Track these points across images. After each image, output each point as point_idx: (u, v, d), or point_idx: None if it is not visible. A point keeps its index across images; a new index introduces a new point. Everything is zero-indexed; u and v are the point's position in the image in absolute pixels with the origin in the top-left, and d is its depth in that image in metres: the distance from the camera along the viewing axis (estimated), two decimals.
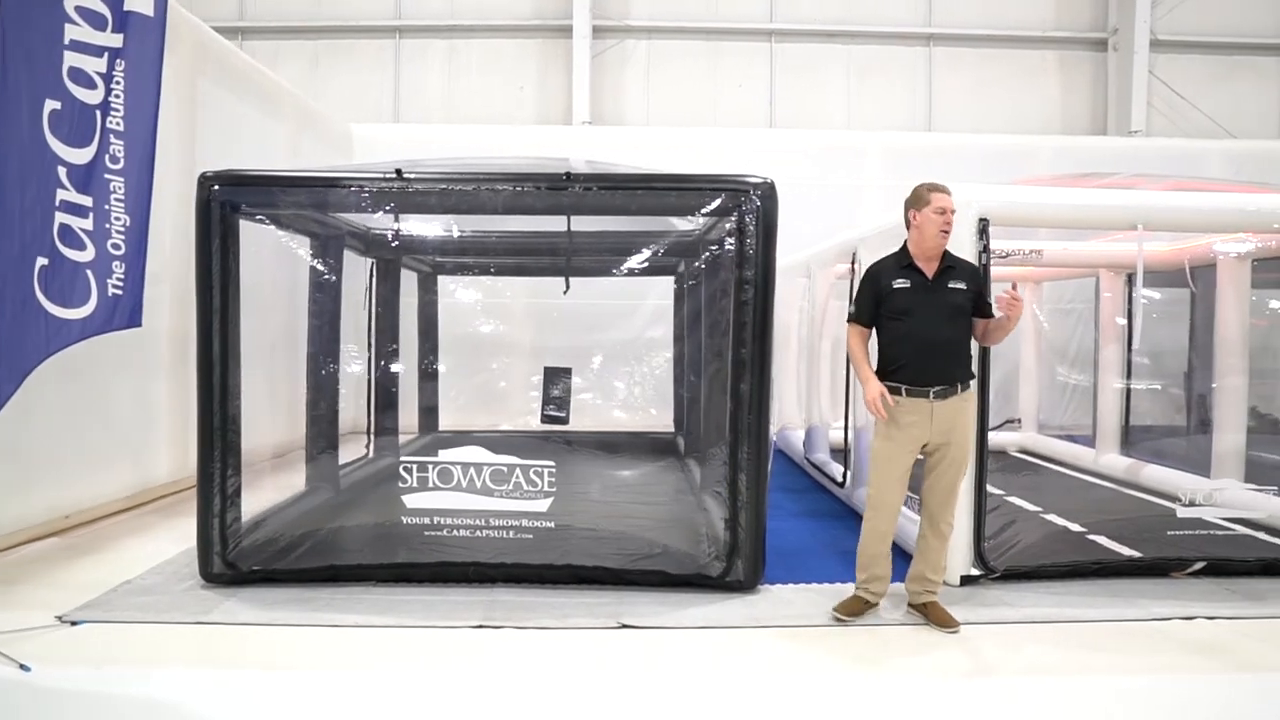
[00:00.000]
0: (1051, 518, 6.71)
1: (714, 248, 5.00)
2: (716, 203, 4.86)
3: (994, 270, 8.60)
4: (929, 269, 4.47)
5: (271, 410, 7.06)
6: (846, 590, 5.02)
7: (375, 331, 8.07)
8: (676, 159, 11.65)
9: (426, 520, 4.87)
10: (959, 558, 5.10)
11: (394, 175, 4.90)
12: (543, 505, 4.81)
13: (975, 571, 5.13)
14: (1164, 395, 9.36)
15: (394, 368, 8.23)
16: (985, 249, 4.99)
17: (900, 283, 4.46)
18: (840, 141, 12.18)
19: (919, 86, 13.13)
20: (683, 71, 12.99)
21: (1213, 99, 13.04)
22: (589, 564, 4.94)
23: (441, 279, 9.06)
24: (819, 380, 8.46)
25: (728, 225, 4.86)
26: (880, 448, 4.55)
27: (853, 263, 7.15)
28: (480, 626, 4.44)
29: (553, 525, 4.86)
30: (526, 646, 4.23)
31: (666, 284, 8.63)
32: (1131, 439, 8.84)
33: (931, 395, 4.41)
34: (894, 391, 4.43)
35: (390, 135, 11.49)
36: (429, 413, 9.57)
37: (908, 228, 4.53)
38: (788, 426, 9.77)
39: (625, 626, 4.47)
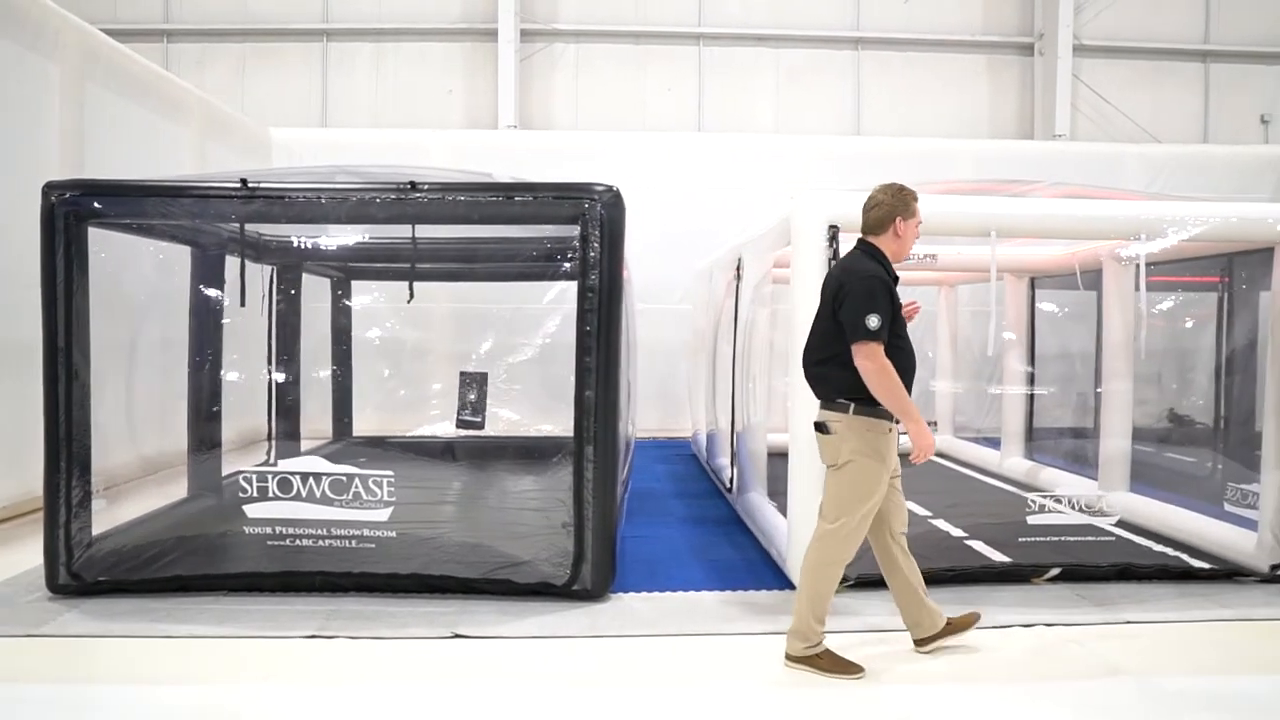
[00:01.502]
0: (939, 523, 6.75)
1: (562, 256, 5.00)
2: (559, 210, 4.86)
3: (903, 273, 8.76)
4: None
5: (159, 418, 7.01)
6: (704, 599, 5.04)
7: (275, 338, 8.04)
8: (602, 163, 11.71)
9: (269, 530, 4.84)
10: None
11: (239, 185, 4.87)
12: (383, 515, 4.79)
13: None
14: (1076, 398, 9.44)
15: (293, 374, 8.17)
16: (834, 256, 5.01)
17: (898, 298, 4.07)
18: (768, 145, 12.20)
19: (847, 91, 13.20)
20: (611, 75, 13.00)
21: (1137, 103, 13.18)
22: (436, 573, 4.93)
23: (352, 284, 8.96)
24: (740, 384, 8.48)
25: (573, 233, 4.86)
26: (876, 476, 4.00)
27: (738, 269, 7.17)
28: (313, 637, 4.42)
29: (394, 535, 4.84)
30: (356, 656, 4.21)
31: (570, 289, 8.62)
32: (1036, 442, 8.91)
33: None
34: (887, 420, 3.99)
35: (311, 140, 11.43)
36: (341, 418, 9.53)
37: (884, 233, 4.11)
38: (699, 430, 9.80)
39: (458, 636, 4.45)
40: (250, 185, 4.85)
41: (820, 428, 4.07)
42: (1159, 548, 6.08)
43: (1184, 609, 4.93)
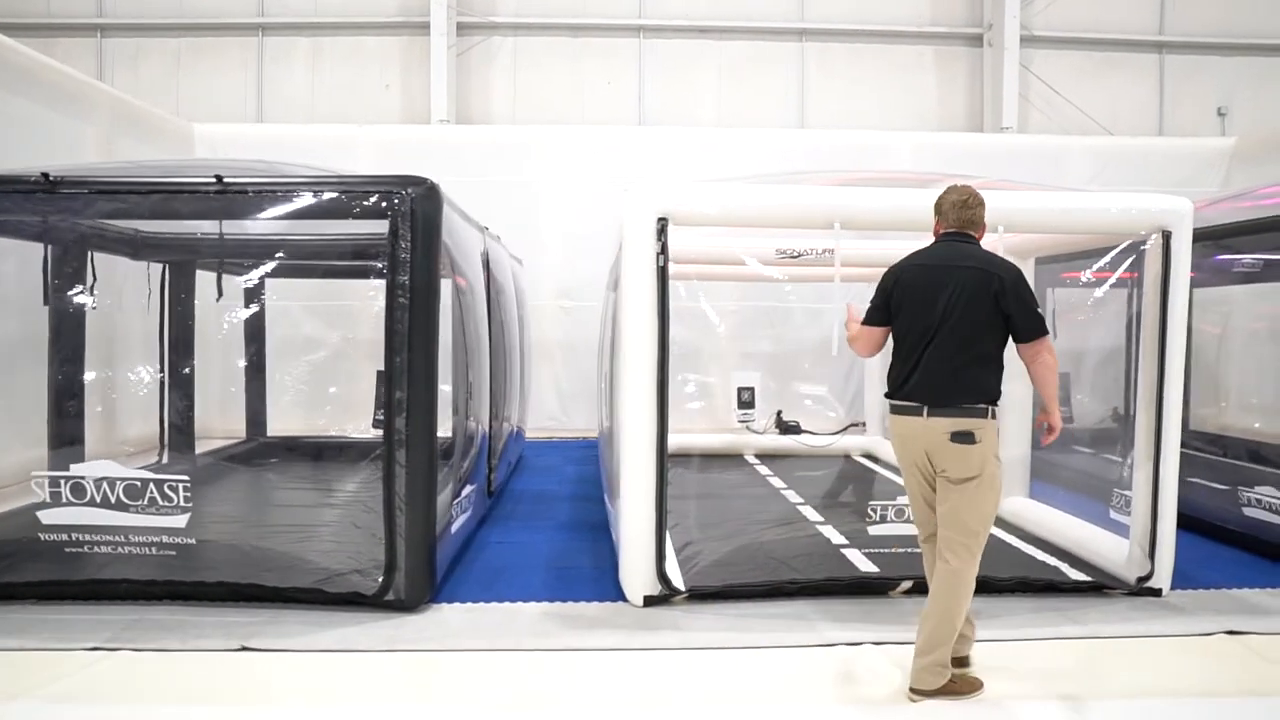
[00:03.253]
0: (828, 530, 6.53)
1: (374, 252, 4.81)
2: (368, 205, 4.67)
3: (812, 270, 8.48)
4: None
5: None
6: (525, 610, 4.84)
7: (167, 338, 7.88)
8: (538, 158, 11.52)
9: (65, 536, 4.67)
10: (640, 577, 4.90)
11: (40, 179, 4.70)
12: (180, 521, 4.62)
13: (659, 591, 4.92)
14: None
15: (184, 374, 8.00)
16: (663, 250, 4.79)
17: None
18: (710, 138, 11.95)
19: (791, 83, 12.93)
20: (550, 69, 12.78)
21: (1091, 96, 12.85)
22: (245, 581, 4.75)
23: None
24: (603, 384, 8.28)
25: (384, 229, 4.66)
26: (1001, 475, 3.81)
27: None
28: (95, 649, 4.25)
29: (194, 541, 4.66)
30: (134, 670, 4.07)
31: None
32: None
33: None
34: None
35: (236, 135, 11.25)
36: (254, 419, 9.38)
37: (981, 232, 4.03)
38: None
39: (245, 649, 4.28)
40: (52, 179, 4.69)
41: (965, 438, 3.68)
42: (1043, 557, 5.84)
43: (1032, 625, 4.68)
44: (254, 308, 8.74)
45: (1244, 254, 6.73)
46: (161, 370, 7.85)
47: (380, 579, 4.68)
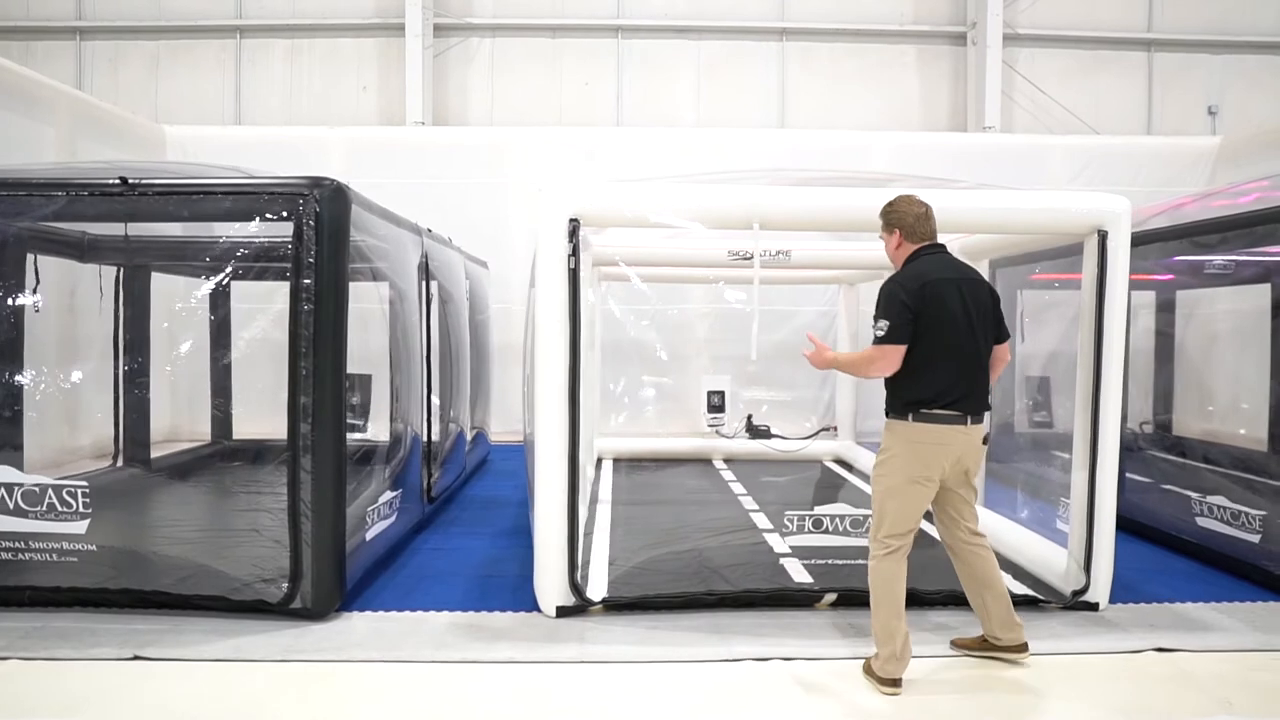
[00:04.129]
0: (774, 538, 6.38)
1: (276, 254, 4.72)
2: (273, 207, 4.58)
3: (736, 271, 8.33)
4: None
5: None
6: (435, 620, 4.74)
7: (122, 340, 7.83)
8: (514, 159, 11.43)
9: None
10: (553, 588, 4.78)
11: None
12: (79, 527, 4.54)
13: (572, 602, 4.80)
14: None
15: (139, 377, 7.95)
16: (574, 252, 4.68)
17: None
18: (688, 139, 11.83)
19: (771, 83, 12.78)
20: (528, 70, 12.69)
21: (1078, 95, 12.63)
22: (149, 588, 4.67)
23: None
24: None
25: (288, 230, 4.58)
26: None
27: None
28: None
29: (94, 548, 4.58)
30: (21, 679, 3.98)
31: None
32: None
33: None
34: None
35: (207, 137, 11.24)
36: (222, 422, 9.33)
37: None
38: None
39: (137, 658, 4.19)
40: None
41: (987, 439, 4.23)
42: None
43: (933, 642, 4.49)
44: (220, 311, 8.79)
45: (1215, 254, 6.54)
46: (116, 374, 7.81)
47: (286, 587, 4.58)
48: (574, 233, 4.68)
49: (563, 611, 4.78)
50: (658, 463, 9.58)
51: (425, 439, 6.54)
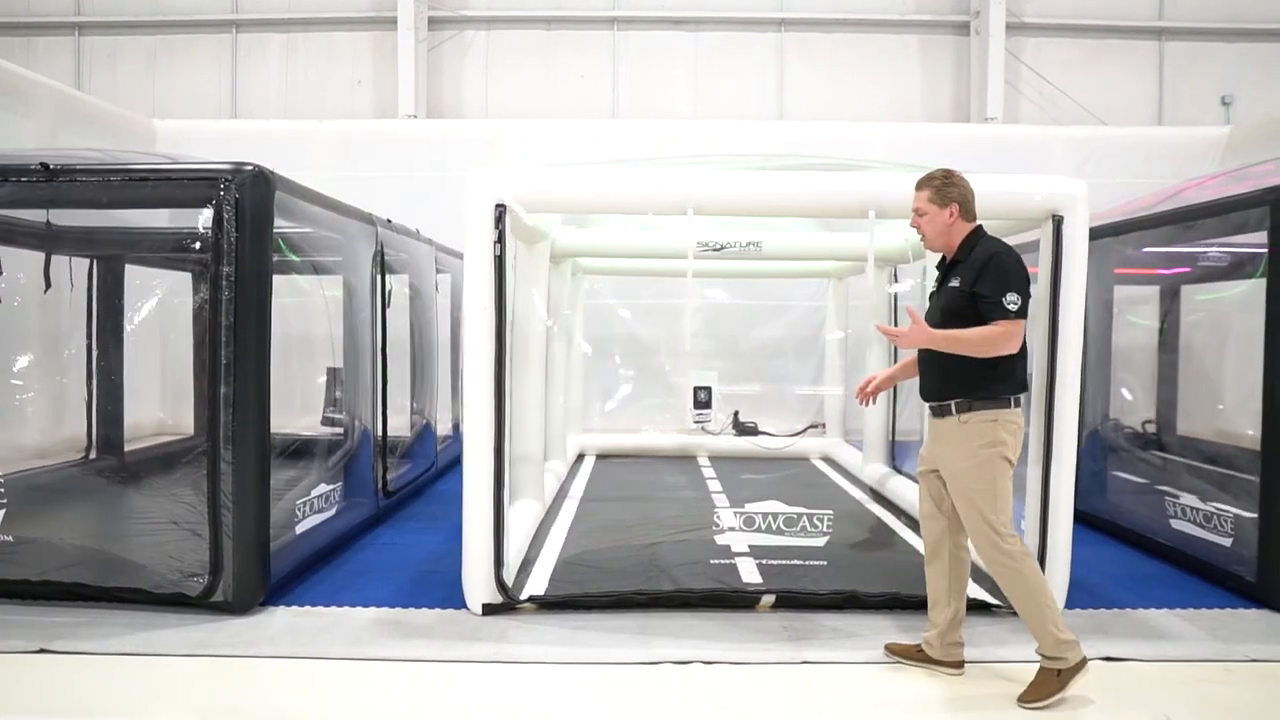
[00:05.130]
0: (733, 536, 6.18)
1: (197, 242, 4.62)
2: (193, 193, 4.49)
3: (708, 263, 8.16)
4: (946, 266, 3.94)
5: None
6: (358, 616, 4.63)
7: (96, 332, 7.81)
8: (507, 152, 11.32)
9: None
10: (479, 585, 4.65)
11: None
12: None
13: (499, 600, 4.66)
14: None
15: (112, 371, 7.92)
16: (500, 239, 4.54)
17: (933, 286, 4.02)
18: (685, 131, 11.65)
19: (770, 74, 12.55)
20: (523, 62, 12.58)
21: (1086, 85, 12.28)
22: (68, 580, 4.61)
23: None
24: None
25: (208, 217, 4.48)
26: None
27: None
28: None
29: (10, 539, 4.52)
30: None
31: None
32: (898, 448, 8.25)
33: (931, 410, 3.93)
34: None
35: (198, 131, 11.23)
36: (205, 414, 9.30)
37: None
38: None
39: (44, 651, 4.12)
40: None
41: None
42: None
43: (825, 647, 4.27)
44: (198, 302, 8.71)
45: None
46: (90, 368, 7.79)
47: (205, 580, 4.50)
48: (500, 218, 4.55)
49: (489, 609, 4.65)
50: (641, 459, 9.44)
51: (379, 434, 6.44)
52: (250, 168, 4.51)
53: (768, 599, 4.75)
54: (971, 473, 3.75)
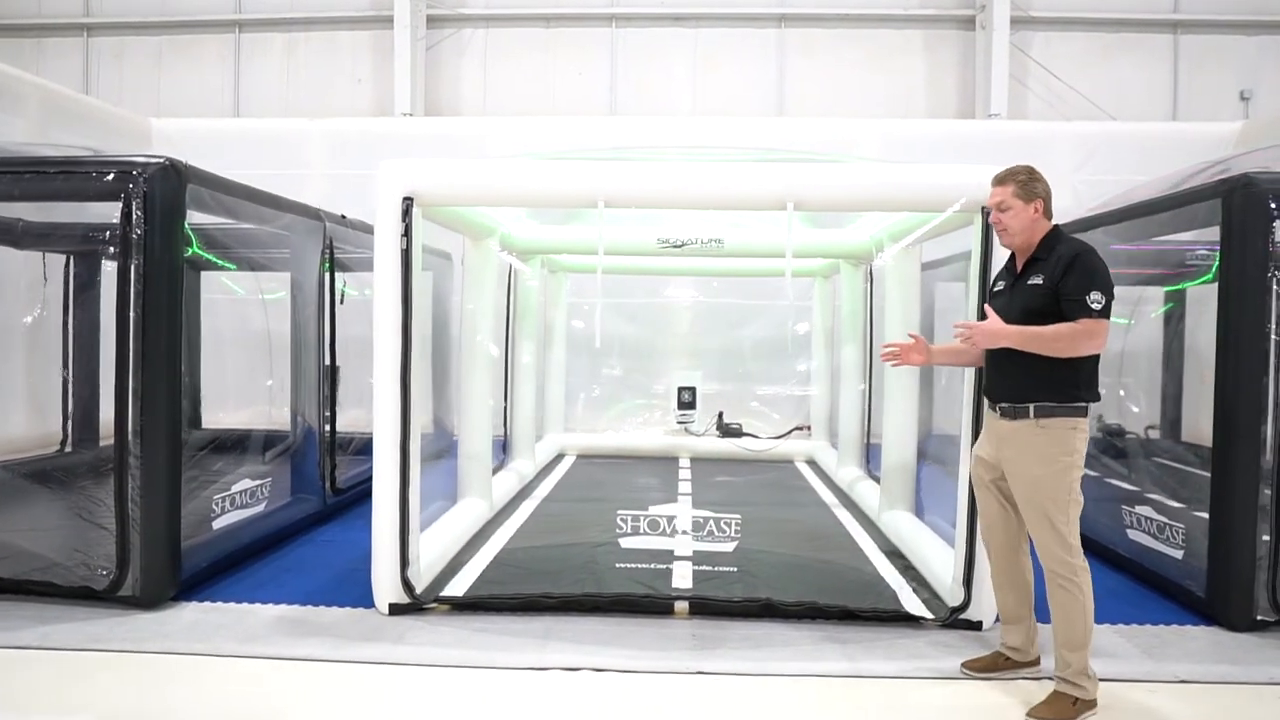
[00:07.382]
0: (682, 540, 6.03)
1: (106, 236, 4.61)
2: (101, 186, 4.48)
3: (680, 261, 8.01)
4: (1019, 264, 3.79)
5: None
6: (264, 613, 4.60)
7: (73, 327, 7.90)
8: (502, 151, 11.27)
9: None
10: (386, 584, 4.58)
11: None
12: None
13: (405, 600, 4.59)
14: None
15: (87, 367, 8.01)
16: (406, 233, 4.47)
17: (999, 284, 3.89)
18: (684, 128, 11.52)
19: (770, 71, 12.36)
20: (521, 60, 12.53)
21: (1098, 80, 11.90)
22: None
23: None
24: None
25: (119, 211, 4.47)
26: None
27: None
28: None
29: None
30: None
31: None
32: (873, 450, 8.02)
33: (998, 411, 3.75)
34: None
35: (194, 129, 11.34)
36: (190, 410, 9.38)
37: None
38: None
39: None
40: None
41: None
42: (894, 580, 5.23)
43: (797, 659, 4.10)
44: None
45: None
46: (66, 361, 7.88)
47: (112, 574, 4.48)
48: (407, 212, 4.47)
49: (396, 610, 4.57)
50: (621, 460, 9.32)
51: (326, 430, 6.41)
52: (160, 159, 4.49)
53: (681, 605, 4.62)
54: (1047, 481, 3.57)
